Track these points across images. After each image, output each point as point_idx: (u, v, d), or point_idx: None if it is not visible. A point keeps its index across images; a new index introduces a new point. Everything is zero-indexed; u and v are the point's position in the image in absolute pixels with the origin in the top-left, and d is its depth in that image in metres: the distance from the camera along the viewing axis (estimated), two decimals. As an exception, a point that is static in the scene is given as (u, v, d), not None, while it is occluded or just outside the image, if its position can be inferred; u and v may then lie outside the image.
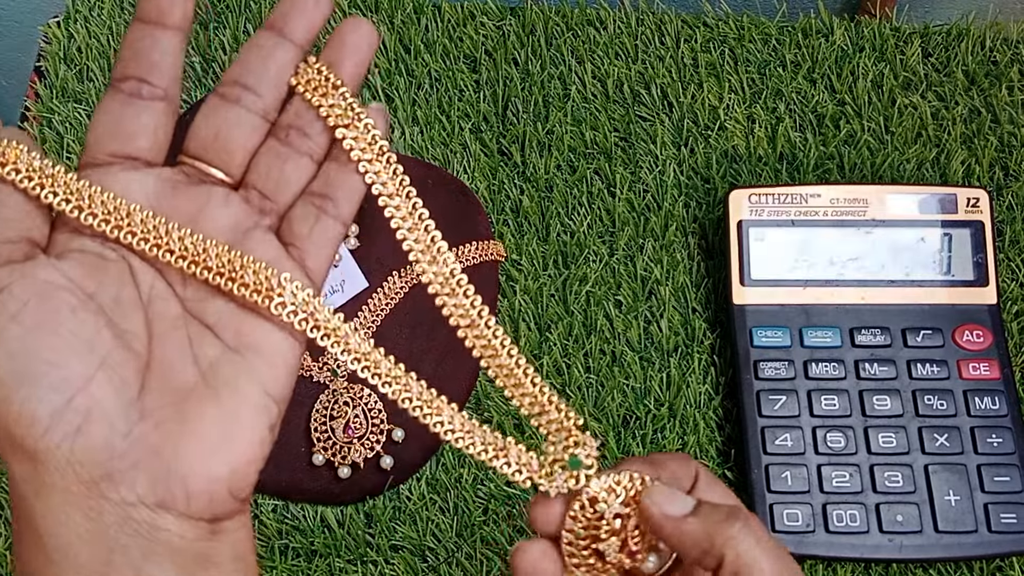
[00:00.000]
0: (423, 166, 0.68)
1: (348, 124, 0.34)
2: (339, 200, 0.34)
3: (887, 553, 0.56)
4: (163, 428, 0.29)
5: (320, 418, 0.58)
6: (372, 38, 0.34)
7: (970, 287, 0.62)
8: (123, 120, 0.32)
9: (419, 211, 0.35)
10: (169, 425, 0.30)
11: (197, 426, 0.30)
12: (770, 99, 0.72)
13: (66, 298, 0.29)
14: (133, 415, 0.29)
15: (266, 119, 0.34)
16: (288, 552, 0.57)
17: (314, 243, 0.33)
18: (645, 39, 0.74)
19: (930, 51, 0.74)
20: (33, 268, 0.30)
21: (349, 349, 0.33)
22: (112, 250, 0.31)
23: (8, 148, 0.31)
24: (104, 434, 0.28)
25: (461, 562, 0.57)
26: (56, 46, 0.74)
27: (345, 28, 0.34)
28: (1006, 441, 0.58)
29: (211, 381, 0.31)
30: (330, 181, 0.34)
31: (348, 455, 0.57)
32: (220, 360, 0.31)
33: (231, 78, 0.33)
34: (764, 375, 0.60)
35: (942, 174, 0.69)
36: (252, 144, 0.34)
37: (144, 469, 0.29)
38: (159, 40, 0.32)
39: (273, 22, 0.34)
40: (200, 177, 0.33)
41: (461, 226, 0.64)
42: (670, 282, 0.65)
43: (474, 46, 0.74)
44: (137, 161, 0.33)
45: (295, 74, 0.34)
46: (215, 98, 0.34)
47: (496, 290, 0.64)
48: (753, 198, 0.63)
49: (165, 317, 0.31)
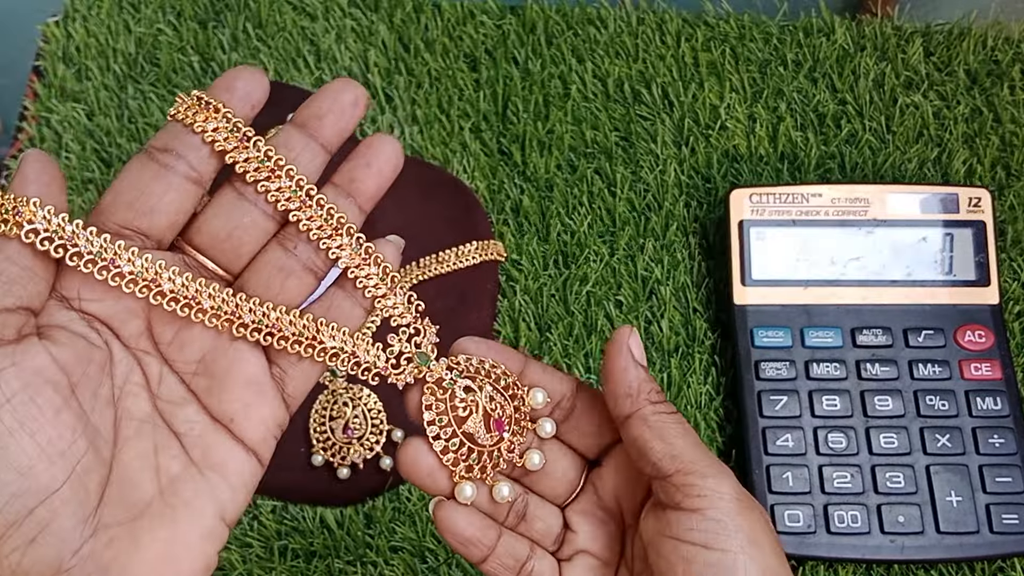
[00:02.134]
0: (423, 166, 0.67)
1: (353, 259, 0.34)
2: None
3: (888, 554, 0.56)
4: (114, 546, 0.29)
5: (319, 419, 0.57)
6: (399, 159, 0.34)
7: (972, 287, 0.62)
8: (149, 192, 0.31)
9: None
10: (120, 544, 0.29)
11: (147, 547, 0.29)
12: (771, 98, 0.71)
13: (51, 397, 0.28)
14: (87, 530, 0.28)
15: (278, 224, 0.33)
16: (287, 553, 0.57)
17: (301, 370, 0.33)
18: (646, 38, 0.74)
19: (932, 50, 0.74)
20: (24, 354, 0.28)
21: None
22: (97, 333, 0.30)
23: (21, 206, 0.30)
24: (57, 548, 0.28)
25: (461, 563, 0.57)
26: (55, 45, 0.73)
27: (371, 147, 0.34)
28: (1008, 442, 0.58)
29: (169, 499, 0.30)
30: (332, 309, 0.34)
31: (347, 456, 0.57)
32: (181, 477, 0.31)
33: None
34: (765, 375, 0.60)
35: (944, 174, 0.69)
36: (258, 247, 0.33)
37: None
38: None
39: (304, 121, 0.33)
40: (200, 270, 0.33)
41: (461, 226, 0.64)
42: (671, 282, 0.65)
43: (474, 45, 0.73)
44: (147, 239, 0.31)
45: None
46: (232, 193, 0.33)
47: (496, 290, 0.64)
48: (754, 198, 0.63)
49: (134, 417, 0.30)
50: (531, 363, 0.37)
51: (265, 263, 0.33)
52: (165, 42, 0.73)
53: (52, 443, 0.28)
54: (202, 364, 0.32)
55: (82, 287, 0.30)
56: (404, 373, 0.35)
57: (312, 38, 0.73)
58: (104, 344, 0.30)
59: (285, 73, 0.72)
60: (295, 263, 0.33)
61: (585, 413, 0.37)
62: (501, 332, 0.63)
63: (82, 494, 0.28)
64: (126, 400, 0.30)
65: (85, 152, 0.69)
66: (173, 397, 0.31)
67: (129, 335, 0.31)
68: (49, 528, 0.28)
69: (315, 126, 0.33)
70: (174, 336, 0.32)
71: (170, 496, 0.30)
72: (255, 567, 0.56)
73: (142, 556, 0.29)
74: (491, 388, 0.36)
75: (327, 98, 0.33)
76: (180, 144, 0.32)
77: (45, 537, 0.27)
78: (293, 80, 0.71)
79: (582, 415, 0.37)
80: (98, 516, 0.29)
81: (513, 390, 0.36)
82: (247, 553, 0.57)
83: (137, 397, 0.31)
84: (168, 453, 0.31)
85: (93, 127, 0.70)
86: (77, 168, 0.68)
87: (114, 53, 0.73)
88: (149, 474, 0.30)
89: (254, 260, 0.33)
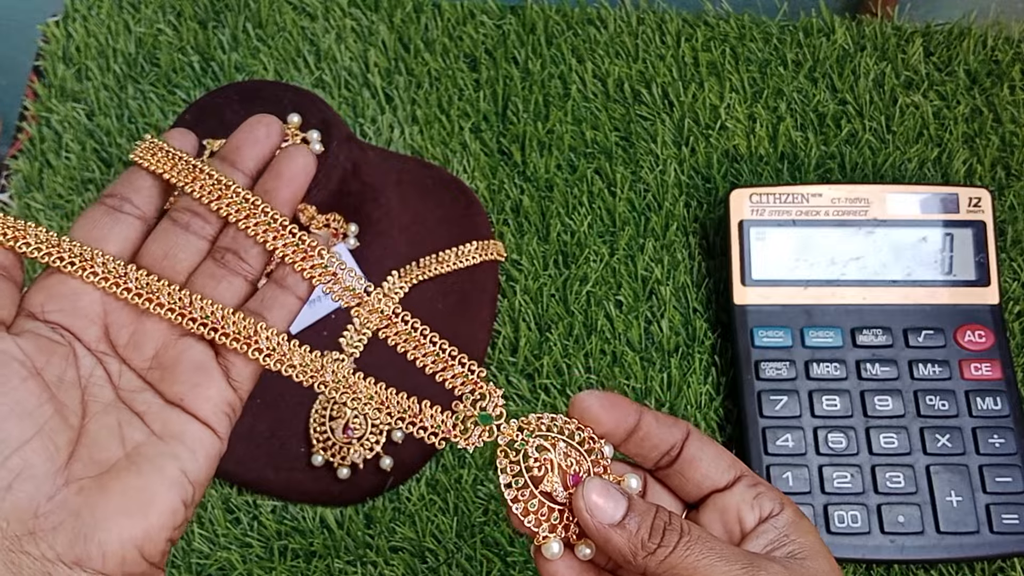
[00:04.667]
0: (423, 166, 0.67)
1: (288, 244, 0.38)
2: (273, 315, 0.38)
3: (888, 554, 0.56)
4: (84, 493, 0.32)
5: (319, 419, 0.57)
6: (310, 168, 0.40)
7: (972, 287, 0.62)
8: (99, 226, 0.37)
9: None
10: (90, 491, 0.33)
11: (115, 493, 0.33)
12: (771, 98, 0.71)
13: (17, 369, 0.33)
14: (59, 480, 0.32)
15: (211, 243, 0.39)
16: (287, 553, 0.57)
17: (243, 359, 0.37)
18: (646, 38, 0.74)
19: (932, 50, 0.74)
20: None
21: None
22: (60, 335, 0.35)
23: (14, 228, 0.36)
24: (31, 494, 0.31)
25: (461, 563, 0.57)
26: (55, 45, 0.73)
27: (283, 160, 0.39)
28: (1008, 442, 0.58)
29: (134, 458, 0.34)
30: (265, 301, 0.38)
31: (347, 456, 0.57)
32: (145, 443, 0.34)
33: (183, 205, 0.38)
34: (765, 375, 0.60)
35: (944, 174, 0.69)
36: (194, 264, 0.38)
37: (64, 530, 0.31)
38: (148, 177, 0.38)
39: (225, 154, 0.39)
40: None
41: (461, 226, 0.64)
42: (671, 282, 0.65)
43: (474, 45, 0.73)
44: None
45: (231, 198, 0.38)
46: (167, 222, 0.38)
47: (496, 290, 0.64)
48: (754, 198, 0.63)
49: (99, 400, 0.35)
50: (646, 414, 0.37)
51: (197, 275, 0.38)
52: (165, 42, 0.73)
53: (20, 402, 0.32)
54: (155, 359, 0.36)
55: (46, 301, 0.35)
56: (472, 436, 0.36)
57: (312, 38, 0.73)
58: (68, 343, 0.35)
59: (285, 73, 0.72)
60: (224, 271, 0.38)
61: (690, 461, 0.38)
62: (501, 332, 0.63)
63: (51, 448, 0.32)
64: (92, 388, 0.35)
65: (85, 152, 0.69)
66: (132, 387, 0.36)
67: (89, 340, 0.36)
68: (22, 475, 0.31)
69: (234, 157, 0.39)
70: (130, 338, 0.36)
71: (135, 456, 0.34)
72: (255, 567, 0.56)
73: (109, 500, 0.32)
74: (564, 444, 0.36)
75: (242, 133, 0.40)
76: (127, 190, 0.38)
77: (20, 483, 0.31)
78: (293, 80, 0.71)
79: (687, 463, 0.38)
80: (68, 470, 0.33)
81: (589, 444, 0.36)
82: (247, 553, 0.57)
83: (102, 388, 0.35)
84: (131, 426, 0.35)
85: (93, 127, 0.70)
86: (77, 168, 0.68)
87: (114, 53, 0.73)
88: (115, 441, 0.34)
89: (191, 277, 0.38)
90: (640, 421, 0.37)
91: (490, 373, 0.62)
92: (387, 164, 0.64)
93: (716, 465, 0.37)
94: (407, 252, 0.61)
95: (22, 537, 0.31)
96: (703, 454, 0.37)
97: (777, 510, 0.36)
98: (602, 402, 0.37)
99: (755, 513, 0.36)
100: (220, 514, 0.58)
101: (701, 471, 0.37)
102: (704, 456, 0.37)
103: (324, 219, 0.56)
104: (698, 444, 0.38)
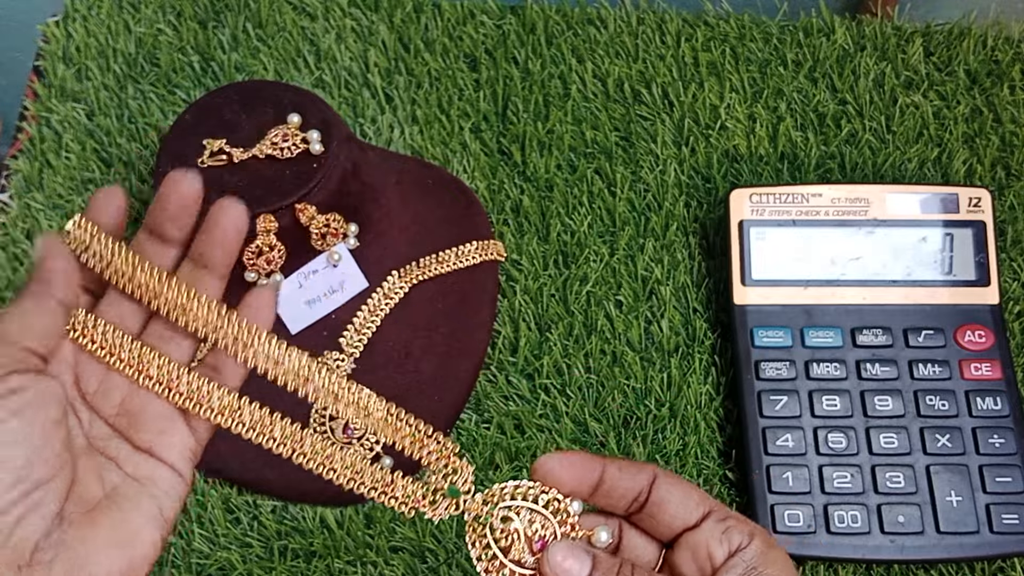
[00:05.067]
0: (423, 166, 0.67)
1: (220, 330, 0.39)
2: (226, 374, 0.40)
3: (888, 554, 0.56)
4: (76, 529, 0.35)
5: (319, 419, 0.57)
6: (241, 224, 0.40)
7: (972, 287, 0.62)
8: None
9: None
10: (81, 527, 0.36)
11: (103, 528, 0.36)
12: (771, 98, 0.71)
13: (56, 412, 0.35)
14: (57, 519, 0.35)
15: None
16: (287, 553, 0.57)
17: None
18: (646, 38, 0.74)
19: (932, 50, 0.74)
20: (39, 381, 0.35)
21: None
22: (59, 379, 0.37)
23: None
24: (37, 529, 0.34)
25: (461, 563, 0.57)
26: (55, 45, 0.73)
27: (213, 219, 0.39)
28: (1008, 442, 0.58)
29: (114, 498, 0.37)
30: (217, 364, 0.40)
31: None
32: (122, 484, 0.38)
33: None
34: (765, 375, 0.60)
35: (944, 174, 0.69)
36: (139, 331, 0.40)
37: (60, 561, 0.34)
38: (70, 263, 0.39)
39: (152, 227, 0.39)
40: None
41: (461, 226, 0.64)
42: (671, 282, 0.65)
43: (474, 45, 0.73)
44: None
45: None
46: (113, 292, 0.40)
47: (496, 290, 0.64)
48: (754, 198, 0.63)
49: (78, 445, 0.38)
50: (609, 466, 0.39)
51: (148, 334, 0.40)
52: (165, 42, 0.73)
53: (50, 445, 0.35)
54: (122, 406, 0.38)
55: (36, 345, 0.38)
56: (439, 508, 0.38)
57: (312, 38, 0.73)
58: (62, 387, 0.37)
59: (285, 73, 0.72)
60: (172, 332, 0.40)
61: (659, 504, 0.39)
62: (501, 332, 0.63)
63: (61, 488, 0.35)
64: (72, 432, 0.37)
65: (85, 152, 0.69)
66: (102, 435, 0.38)
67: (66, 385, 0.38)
68: (36, 511, 0.34)
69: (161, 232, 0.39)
70: (99, 385, 0.38)
71: (114, 496, 0.37)
72: (255, 567, 0.56)
73: (98, 534, 0.36)
74: (528, 511, 0.37)
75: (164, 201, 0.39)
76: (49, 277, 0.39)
77: (32, 517, 0.34)
78: (293, 80, 0.72)
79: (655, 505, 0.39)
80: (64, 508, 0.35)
81: (555, 505, 0.37)
82: (247, 553, 0.57)
83: (78, 435, 0.38)
84: (107, 469, 0.38)
85: (93, 127, 0.70)
86: (77, 168, 0.68)
87: (114, 53, 0.73)
88: (96, 482, 0.37)
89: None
90: (604, 474, 0.38)
91: (490, 373, 0.62)
92: (387, 164, 0.64)
93: (685, 504, 0.38)
94: (407, 252, 0.61)
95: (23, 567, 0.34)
96: (671, 495, 0.38)
97: (745, 542, 0.37)
98: (562, 463, 0.38)
99: (724, 548, 0.37)
100: (220, 514, 0.58)
101: (670, 512, 0.38)
102: (672, 497, 0.38)
103: (324, 219, 0.56)
104: (666, 486, 0.39)
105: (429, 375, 0.59)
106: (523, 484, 0.38)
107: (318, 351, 0.58)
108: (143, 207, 0.67)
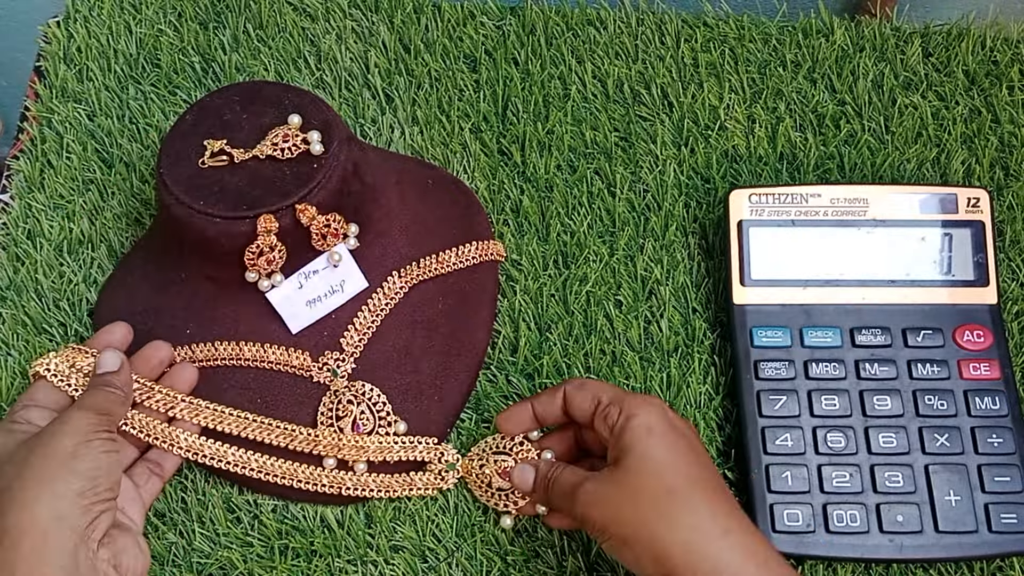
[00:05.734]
0: (423, 166, 0.67)
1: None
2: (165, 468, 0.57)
3: (887, 553, 0.56)
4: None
5: (326, 421, 0.57)
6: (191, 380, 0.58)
7: (970, 287, 0.62)
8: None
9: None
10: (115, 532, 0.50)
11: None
12: (770, 99, 0.72)
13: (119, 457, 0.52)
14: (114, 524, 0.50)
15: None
16: (288, 552, 0.57)
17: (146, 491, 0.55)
18: (645, 39, 0.74)
19: (930, 51, 0.74)
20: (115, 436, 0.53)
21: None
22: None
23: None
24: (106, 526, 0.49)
25: (461, 562, 0.57)
26: (56, 46, 0.74)
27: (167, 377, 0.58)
28: (1006, 441, 0.58)
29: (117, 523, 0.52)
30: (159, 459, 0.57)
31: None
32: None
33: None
34: (764, 375, 0.60)
35: (942, 174, 0.69)
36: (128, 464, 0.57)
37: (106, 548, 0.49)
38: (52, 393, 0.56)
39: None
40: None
41: (461, 226, 0.64)
42: (670, 282, 0.65)
43: (474, 46, 0.74)
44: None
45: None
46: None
47: (496, 290, 0.64)
48: (753, 198, 0.63)
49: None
50: (534, 403, 0.55)
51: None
52: (166, 43, 0.73)
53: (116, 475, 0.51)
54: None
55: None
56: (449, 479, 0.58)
57: (313, 39, 0.74)
58: None
59: (286, 74, 0.72)
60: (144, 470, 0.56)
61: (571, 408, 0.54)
62: (501, 332, 0.63)
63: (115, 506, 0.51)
64: None
65: (86, 153, 0.69)
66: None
67: None
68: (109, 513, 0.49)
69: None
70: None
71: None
72: (256, 566, 0.57)
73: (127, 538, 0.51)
74: (495, 457, 0.58)
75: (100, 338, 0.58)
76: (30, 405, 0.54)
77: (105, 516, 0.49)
78: (294, 81, 0.72)
79: (572, 411, 0.54)
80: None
81: (517, 447, 0.58)
82: (248, 552, 0.57)
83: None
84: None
85: (94, 127, 0.70)
86: (78, 169, 0.68)
87: (115, 54, 0.73)
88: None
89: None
90: (534, 410, 0.55)
91: (490, 373, 0.62)
92: (387, 164, 0.64)
93: (583, 402, 0.53)
94: (407, 252, 0.61)
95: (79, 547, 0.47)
96: (574, 399, 0.53)
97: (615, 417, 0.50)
98: (505, 418, 0.56)
99: (606, 429, 0.51)
100: (221, 513, 0.58)
101: (579, 410, 0.53)
102: (575, 400, 0.53)
103: (324, 219, 0.56)
104: (571, 393, 0.53)
105: (429, 375, 0.60)
106: (493, 438, 0.58)
107: (318, 351, 0.58)
108: (143, 207, 0.67)
